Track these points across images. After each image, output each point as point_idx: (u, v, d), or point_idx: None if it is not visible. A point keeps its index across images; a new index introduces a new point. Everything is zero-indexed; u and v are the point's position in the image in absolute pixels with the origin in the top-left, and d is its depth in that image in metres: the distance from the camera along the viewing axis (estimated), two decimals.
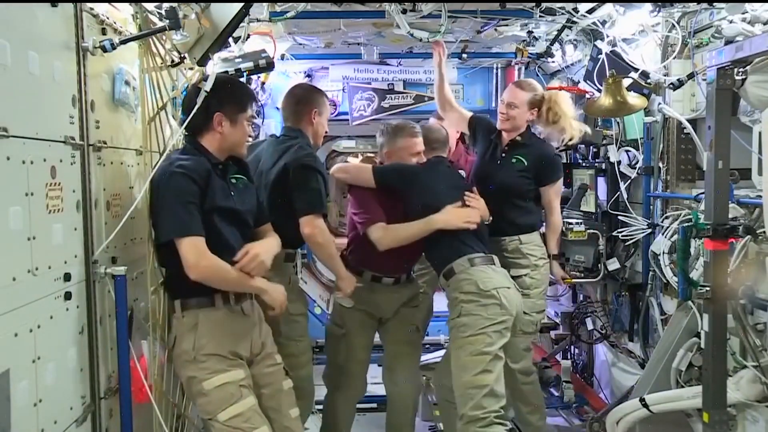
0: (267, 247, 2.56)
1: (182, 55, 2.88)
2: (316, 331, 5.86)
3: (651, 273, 3.71)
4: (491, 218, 3.43)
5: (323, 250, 3.09)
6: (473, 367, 3.07)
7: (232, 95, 2.54)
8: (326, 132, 3.31)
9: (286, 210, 2.92)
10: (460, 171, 3.69)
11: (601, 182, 4.31)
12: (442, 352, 4.18)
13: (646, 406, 3.03)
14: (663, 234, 3.46)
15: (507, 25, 4.13)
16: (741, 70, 2.52)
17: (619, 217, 3.98)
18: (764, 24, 2.72)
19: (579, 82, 4.30)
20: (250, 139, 2.98)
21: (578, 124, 3.64)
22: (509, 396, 3.40)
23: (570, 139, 3.66)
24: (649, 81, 3.55)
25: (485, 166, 3.72)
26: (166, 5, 2.51)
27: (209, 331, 2.46)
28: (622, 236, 3.91)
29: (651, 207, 3.81)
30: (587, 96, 4.05)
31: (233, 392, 2.43)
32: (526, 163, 3.56)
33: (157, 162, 2.52)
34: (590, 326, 4.61)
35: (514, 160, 3.59)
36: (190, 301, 2.48)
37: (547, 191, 3.64)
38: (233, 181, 2.61)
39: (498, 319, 3.10)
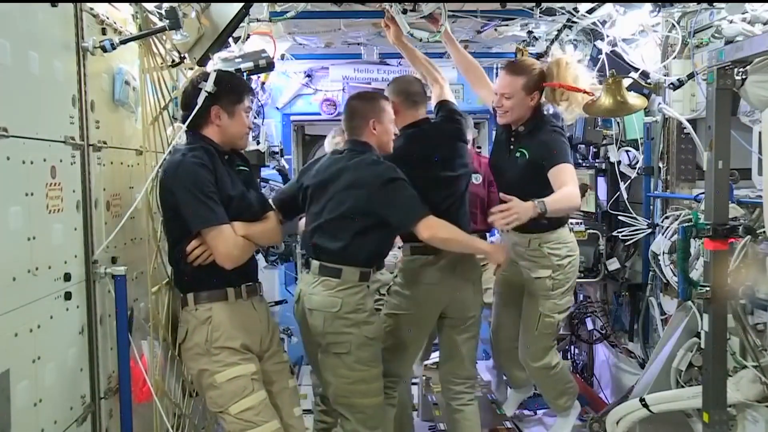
0: (247, 230, 2.51)
1: (182, 55, 2.89)
2: None
3: (651, 273, 3.71)
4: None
5: (452, 243, 2.83)
6: None
7: (227, 88, 2.54)
8: (395, 134, 2.98)
9: (362, 230, 2.77)
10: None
11: (601, 182, 4.31)
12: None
13: (646, 406, 3.03)
14: (663, 234, 3.46)
15: (507, 25, 4.12)
16: (741, 70, 2.51)
17: (619, 217, 3.98)
18: (764, 24, 2.72)
19: None
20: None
21: (593, 87, 3.16)
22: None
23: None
24: (649, 81, 3.55)
25: (497, 159, 3.42)
26: (166, 5, 2.51)
27: (222, 323, 2.48)
28: (622, 236, 3.91)
29: (651, 207, 3.81)
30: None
31: (245, 385, 2.45)
32: (527, 156, 3.16)
33: (161, 162, 2.53)
34: (590, 326, 4.61)
35: (518, 154, 3.20)
36: (203, 294, 2.50)
37: (551, 176, 3.01)
38: (238, 173, 2.63)
39: None
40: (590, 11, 3.65)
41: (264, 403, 2.49)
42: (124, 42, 2.42)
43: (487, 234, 4.33)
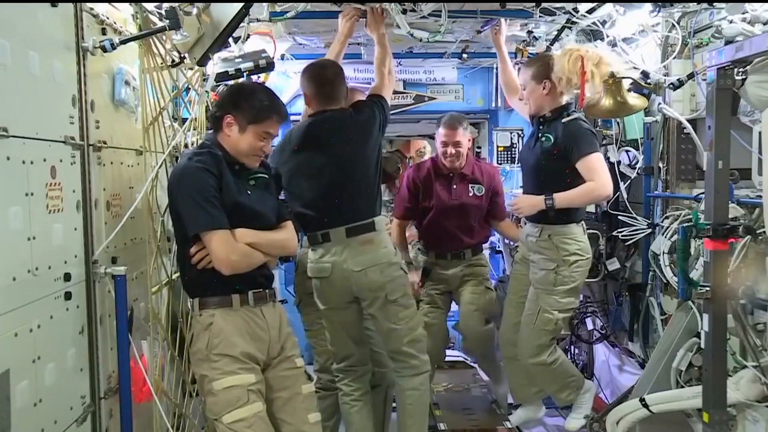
0: (254, 238, 2.48)
1: (182, 55, 2.89)
2: None
3: (651, 273, 3.70)
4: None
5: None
6: None
7: (248, 102, 2.47)
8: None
9: (378, 181, 3.16)
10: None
11: None
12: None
13: (646, 406, 3.03)
14: (663, 234, 3.46)
15: (507, 25, 4.12)
16: (741, 70, 2.51)
17: (620, 217, 3.98)
18: (764, 24, 2.72)
19: None
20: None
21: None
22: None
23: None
24: (649, 81, 3.54)
25: (524, 151, 3.73)
26: (166, 5, 2.51)
27: (223, 330, 2.42)
28: (622, 236, 3.91)
29: (651, 207, 3.81)
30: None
31: (240, 396, 2.39)
32: (552, 140, 3.31)
33: (161, 162, 2.52)
34: (590, 326, 4.61)
35: (543, 139, 3.35)
36: (207, 300, 2.46)
37: (580, 169, 3.24)
38: (252, 182, 2.55)
39: None
40: (590, 11, 3.64)
41: (258, 416, 2.41)
42: (124, 42, 2.42)
43: (483, 245, 4.31)
